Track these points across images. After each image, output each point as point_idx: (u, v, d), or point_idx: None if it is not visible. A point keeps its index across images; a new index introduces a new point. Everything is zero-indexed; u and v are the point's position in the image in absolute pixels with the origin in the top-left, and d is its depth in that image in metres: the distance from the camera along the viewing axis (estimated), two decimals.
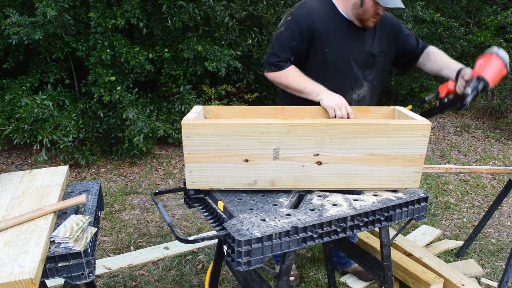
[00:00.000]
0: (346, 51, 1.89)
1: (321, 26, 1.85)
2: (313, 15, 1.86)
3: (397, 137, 1.46)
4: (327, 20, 1.87)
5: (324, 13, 1.88)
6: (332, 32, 1.87)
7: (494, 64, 1.71)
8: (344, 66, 1.91)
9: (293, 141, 1.45)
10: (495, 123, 6.16)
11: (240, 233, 1.26)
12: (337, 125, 1.45)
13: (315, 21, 1.85)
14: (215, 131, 1.43)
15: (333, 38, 1.87)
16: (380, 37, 1.96)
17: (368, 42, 1.92)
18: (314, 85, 1.85)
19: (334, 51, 1.88)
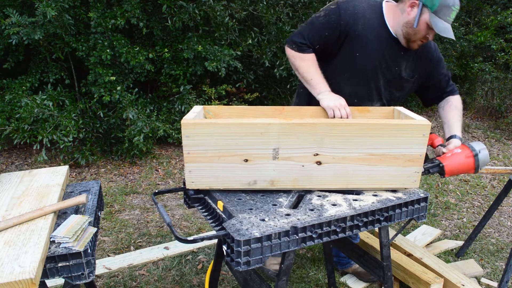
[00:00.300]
0: (376, 63, 1.86)
1: (361, 30, 1.81)
2: (357, 15, 1.81)
3: (397, 137, 1.46)
4: (369, 26, 1.82)
5: (370, 19, 1.83)
6: (370, 39, 1.83)
7: (465, 164, 1.74)
8: (370, 76, 1.88)
9: (293, 141, 1.45)
10: (495, 123, 6.16)
11: (239, 233, 1.26)
12: (337, 125, 1.45)
13: (357, 22, 1.80)
14: (215, 130, 1.43)
15: (368, 46, 1.83)
16: (416, 63, 1.92)
17: (403, 64, 1.89)
18: (320, 82, 1.83)
19: (365, 58, 1.84)
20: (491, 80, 6.41)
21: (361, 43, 1.82)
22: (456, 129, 1.92)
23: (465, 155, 1.74)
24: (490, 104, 6.43)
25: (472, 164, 1.74)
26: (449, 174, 1.74)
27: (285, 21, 4.67)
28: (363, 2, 1.86)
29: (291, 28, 4.68)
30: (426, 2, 1.71)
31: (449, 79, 2.06)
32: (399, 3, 1.84)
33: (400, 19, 1.80)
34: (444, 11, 1.70)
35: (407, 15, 1.78)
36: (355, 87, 1.91)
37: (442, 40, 5.91)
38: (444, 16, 1.71)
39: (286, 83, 5.10)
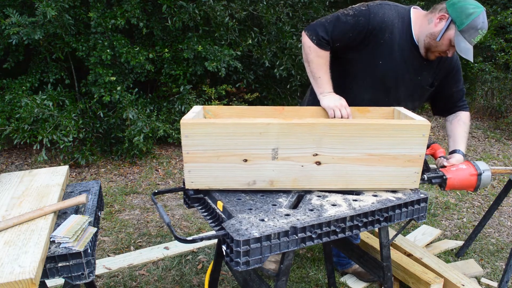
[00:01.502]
0: (399, 72, 1.85)
1: (387, 38, 1.79)
2: (386, 23, 1.78)
3: (396, 137, 1.46)
4: (396, 35, 1.80)
5: (397, 28, 1.81)
6: (394, 49, 1.81)
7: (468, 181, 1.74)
8: (391, 85, 1.87)
9: (292, 141, 1.45)
10: (495, 123, 6.16)
11: (238, 233, 1.26)
12: (336, 125, 1.45)
13: (384, 30, 1.78)
14: (214, 130, 1.43)
15: (392, 55, 1.81)
16: (437, 72, 1.92)
17: (424, 73, 1.88)
18: (327, 82, 1.83)
19: (388, 67, 1.83)
20: (491, 80, 6.41)
21: (386, 52, 1.80)
22: (461, 145, 1.92)
23: (469, 173, 1.74)
24: (490, 104, 6.43)
25: (474, 182, 1.74)
26: (449, 187, 1.74)
27: (285, 21, 4.67)
28: (392, 9, 1.82)
29: (291, 28, 4.68)
30: (455, 19, 1.70)
31: (463, 94, 2.06)
32: (429, 12, 1.83)
33: (426, 29, 1.79)
34: (470, 33, 1.69)
35: (433, 26, 1.77)
36: (375, 95, 1.90)
37: None
38: (469, 37, 1.70)
39: (286, 83, 5.10)
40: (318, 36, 1.79)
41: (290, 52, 4.67)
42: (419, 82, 1.89)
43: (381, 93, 1.90)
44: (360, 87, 1.90)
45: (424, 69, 1.87)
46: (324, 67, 1.82)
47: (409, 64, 1.85)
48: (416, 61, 1.85)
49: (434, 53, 1.81)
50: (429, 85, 1.93)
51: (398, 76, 1.86)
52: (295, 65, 4.75)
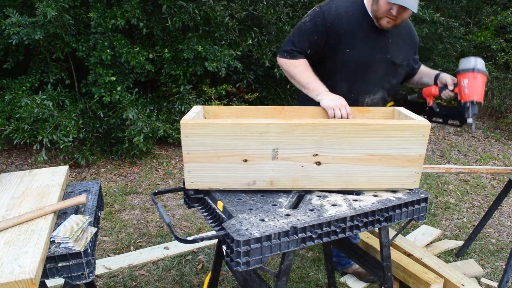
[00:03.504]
0: (369, 55, 1.88)
1: (347, 26, 1.84)
2: (340, 14, 1.84)
3: (396, 137, 1.46)
4: (354, 20, 1.85)
5: (353, 14, 1.86)
6: (357, 34, 1.85)
7: (479, 82, 1.77)
8: (365, 69, 1.90)
9: (292, 141, 1.45)
10: (495, 123, 6.16)
11: (239, 233, 1.26)
12: (336, 125, 1.45)
13: (341, 20, 1.83)
14: (214, 131, 1.43)
15: (356, 40, 1.85)
16: (402, 47, 1.96)
17: (391, 50, 1.92)
18: (317, 84, 1.85)
19: (357, 53, 1.86)
20: (491, 80, 6.41)
21: (349, 39, 1.85)
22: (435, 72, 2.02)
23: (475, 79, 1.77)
24: (490, 104, 6.43)
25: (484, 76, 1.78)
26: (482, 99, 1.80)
27: (285, 21, 4.67)
28: (344, 0, 1.90)
29: (291, 28, 4.68)
30: None
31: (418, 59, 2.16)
32: None
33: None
34: None
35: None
36: (352, 83, 1.92)
37: (442, 40, 5.92)
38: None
39: (286, 83, 5.10)
40: (288, 50, 1.89)
41: None
42: (390, 59, 1.92)
43: (358, 80, 1.92)
44: (337, 80, 1.93)
45: (391, 46, 1.92)
46: (307, 72, 1.87)
47: (375, 44, 1.88)
48: (381, 40, 1.89)
49: (382, 18, 1.80)
50: (401, 61, 1.97)
51: (368, 58, 1.89)
52: None
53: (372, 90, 1.95)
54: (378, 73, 1.93)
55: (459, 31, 5.84)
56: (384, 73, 1.94)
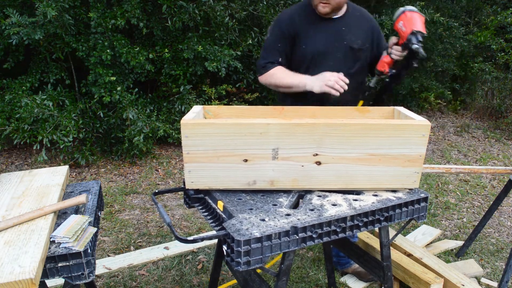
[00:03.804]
0: (323, 45, 1.99)
1: (299, 25, 1.99)
2: (292, 17, 2.02)
3: (396, 137, 1.46)
4: (305, 18, 2.01)
5: (303, 13, 2.02)
6: (309, 28, 1.99)
7: (415, 17, 1.85)
8: (322, 58, 2.00)
9: (292, 141, 1.45)
10: (495, 123, 6.16)
11: (239, 233, 1.26)
12: (336, 125, 1.45)
13: (294, 22, 2.00)
14: (214, 131, 1.43)
15: (309, 34, 1.99)
16: (362, 33, 2.05)
17: (347, 36, 2.01)
18: (298, 78, 1.97)
19: (311, 46, 1.99)
20: (491, 80, 6.41)
21: (303, 36, 1.99)
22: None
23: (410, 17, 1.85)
24: (490, 104, 6.43)
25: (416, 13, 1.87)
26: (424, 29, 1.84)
27: None
28: (293, 6, 2.09)
29: None
30: None
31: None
32: None
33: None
34: None
35: None
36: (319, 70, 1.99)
37: (442, 40, 5.92)
38: None
39: None
40: (262, 65, 2.06)
41: None
42: (347, 45, 2.01)
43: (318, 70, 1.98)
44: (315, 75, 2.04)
45: (346, 33, 2.01)
46: (285, 74, 2.00)
47: (329, 34, 2.00)
48: (334, 29, 2.00)
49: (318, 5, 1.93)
50: (360, 46, 2.03)
51: (323, 49, 1.99)
52: None
53: None
54: (336, 60, 2.01)
55: (459, 31, 5.84)
56: (343, 59, 2.02)
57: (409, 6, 1.91)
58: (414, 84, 5.91)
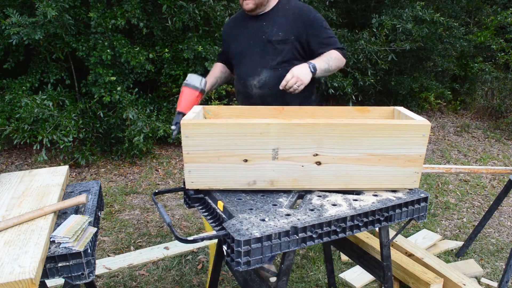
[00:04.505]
0: (242, 42, 2.08)
1: (231, 28, 2.18)
2: (229, 22, 2.24)
3: (397, 137, 1.46)
4: (237, 21, 2.16)
5: (238, 16, 2.18)
6: (236, 29, 2.13)
7: (184, 95, 1.89)
8: (242, 56, 2.09)
9: (292, 141, 1.45)
10: (495, 123, 6.16)
11: (239, 233, 1.26)
12: (336, 125, 1.45)
13: (228, 25, 2.22)
14: (214, 131, 1.43)
15: (235, 35, 2.13)
16: (283, 26, 2.01)
17: (267, 30, 2.02)
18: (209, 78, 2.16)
19: (235, 46, 2.12)
20: (491, 80, 6.41)
21: (232, 37, 2.15)
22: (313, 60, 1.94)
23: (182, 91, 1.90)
24: (490, 104, 6.43)
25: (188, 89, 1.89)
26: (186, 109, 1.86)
27: None
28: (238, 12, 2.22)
29: None
30: None
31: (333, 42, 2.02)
32: None
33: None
34: None
35: None
36: (238, 71, 2.15)
37: (442, 40, 5.92)
38: None
39: None
40: None
41: None
42: (265, 39, 2.02)
43: (241, 66, 2.11)
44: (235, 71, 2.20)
45: (266, 27, 2.02)
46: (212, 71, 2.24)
47: (250, 31, 2.06)
48: (255, 26, 2.05)
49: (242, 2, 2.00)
50: (282, 37, 1.99)
51: (244, 46, 2.07)
52: None
53: (256, 72, 2.05)
54: (254, 56, 2.05)
55: (459, 31, 5.84)
56: (263, 54, 2.03)
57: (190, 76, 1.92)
58: (414, 84, 5.91)
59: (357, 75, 5.05)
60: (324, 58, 1.96)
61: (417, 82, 5.96)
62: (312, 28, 2.00)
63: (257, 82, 2.05)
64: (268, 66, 2.02)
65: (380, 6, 5.72)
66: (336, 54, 2.00)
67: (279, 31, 2.00)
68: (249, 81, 2.06)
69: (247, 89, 2.08)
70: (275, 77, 2.01)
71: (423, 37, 5.28)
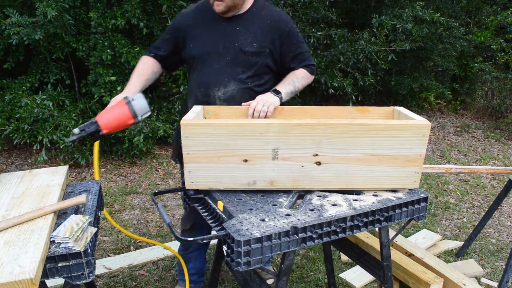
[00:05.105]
0: (208, 44, 1.82)
1: (191, 23, 1.87)
2: (187, 13, 1.90)
3: (397, 137, 1.46)
4: (200, 16, 1.87)
5: (199, 11, 1.88)
6: (200, 27, 1.85)
7: (122, 113, 1.62)
8: (205, 60, 1.83)
9: (292, 141, 1.45)
10: (495, 123, 6.16)
11: (239, 233, 1.26)
12: (336, 125, 1.45)
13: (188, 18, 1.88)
14: (214, 131, 1.43)
15: (198, 34, 1.84)
16: (258, 36, 1.81)
17: (241, 38, 1.81)
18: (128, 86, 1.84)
19: (197, 46, 1.84)
20: (491, 80, 6.41)
21: (193, 34, 1.86)
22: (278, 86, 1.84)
23: (119, 105, 1.63)
24: (490, 104, 6.43)
25: (127, 111, 1.61)
26: (107, 129, 1.59)
27: None
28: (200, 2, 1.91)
29: None
30: None
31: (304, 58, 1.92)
32: None
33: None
34: None
35: None
36: (199, 76, 1.87)
37: (442, 40, 5.92)
38: None
39: None
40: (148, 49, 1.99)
41: None
42: (238, 47, 1.80)
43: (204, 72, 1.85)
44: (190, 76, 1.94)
45: (240, 34, 1.81)
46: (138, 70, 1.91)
47: (220, 34, 1.82)
48: (227, 28, 1.82)
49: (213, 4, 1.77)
50: (253, 50, 1.80)
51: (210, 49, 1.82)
52: None
53: (222, 82, 1.82)
54: (223, 63, 1.81)
55: (459, 31, 5.84)
56: (233, 63, 1.81)
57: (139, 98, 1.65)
58: (414, 84, 5.91)
59: (357, 75, 5.05)
60: (290, 80, 1.86)
61: (417, 82, 5.95)
62: (287, 42, 1.85)
63: (223, 94, 1.83)
64: (237, 78, 1.82)
65: (380, 6, 5.72)
66: (304, 73, 1.90)
67: (253, 41, 1.80)
68: (213, 92, 1.83)
69: (209, 99, 1.84)
70: (244, 92, 1.84)
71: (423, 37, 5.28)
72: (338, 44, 4.85)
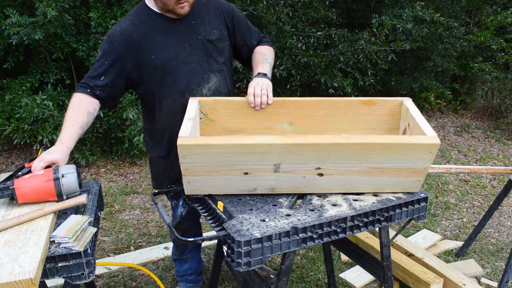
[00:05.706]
0: (174, 48, 1.73)
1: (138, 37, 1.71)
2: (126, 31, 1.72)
3: (403, 154, 1.42)
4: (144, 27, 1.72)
5: (140, 23, 1.73)
6: (153, 36, 1.72)
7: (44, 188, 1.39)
8: (177, 65, 1.73)
9: (295, 158, 1.41)
10: (495, 123, 6.16)
11: (239, 233, 1.26)
12: (342, 145, 1.39)
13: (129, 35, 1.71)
14: (213, 151, 1.37)
15: (156, 41, 1.72)
16: (212, 23, 1.80)
17: (200, 30, 1.77)
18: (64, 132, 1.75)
19: (162, 54, 1.72)
20: (491, 80, 6.40)
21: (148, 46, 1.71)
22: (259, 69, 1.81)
23: (44, 178, 1.40)
24: (490, 104, 6.43)
25: (52, 189, 1.39)
26: (23, 200, 1.39)
27: (285, 21, 4.67)
28: (126, 17, 1.77)
29: (291, 28, 4.68)
30: None
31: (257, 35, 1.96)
32: None
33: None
34: None
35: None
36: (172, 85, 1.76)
37: (442, 40, 5.92)
38: None
39: (286, 83, 5.10)
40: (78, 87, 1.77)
41: (290, 52, 4.67)
42: (203, 39, 1.76)
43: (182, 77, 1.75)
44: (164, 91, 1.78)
45: (198, 27, 1.77)
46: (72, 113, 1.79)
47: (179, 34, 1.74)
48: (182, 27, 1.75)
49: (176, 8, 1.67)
50: (217, 37, 1.79)
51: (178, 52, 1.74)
52: (295, 65, 4.75)
53: (203, 79, 1.78)
54: (197, 60, 1.76)
55: (459, 31, 5.83)
56: (206, 56, 1.77)
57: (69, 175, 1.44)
58: (414, 84, 5.90)
59: (357, 75, 5.05)
60: (262, 59, 1.86)
61: (417, 82, 5.95)
62: (237, 20, 1.88)
63: (208, 90, 1.79)
64: (215, 69, 1.80)
65: (380, 6, 5.72)
66: (266, 49, 1.93)
67: (212, 29, 1.79)
68: (198, 91, 1.77)
69: None
70: (223, 79, 1.84)
71: (423, 37, 5.28)
72: (338, 44, 4.85)
